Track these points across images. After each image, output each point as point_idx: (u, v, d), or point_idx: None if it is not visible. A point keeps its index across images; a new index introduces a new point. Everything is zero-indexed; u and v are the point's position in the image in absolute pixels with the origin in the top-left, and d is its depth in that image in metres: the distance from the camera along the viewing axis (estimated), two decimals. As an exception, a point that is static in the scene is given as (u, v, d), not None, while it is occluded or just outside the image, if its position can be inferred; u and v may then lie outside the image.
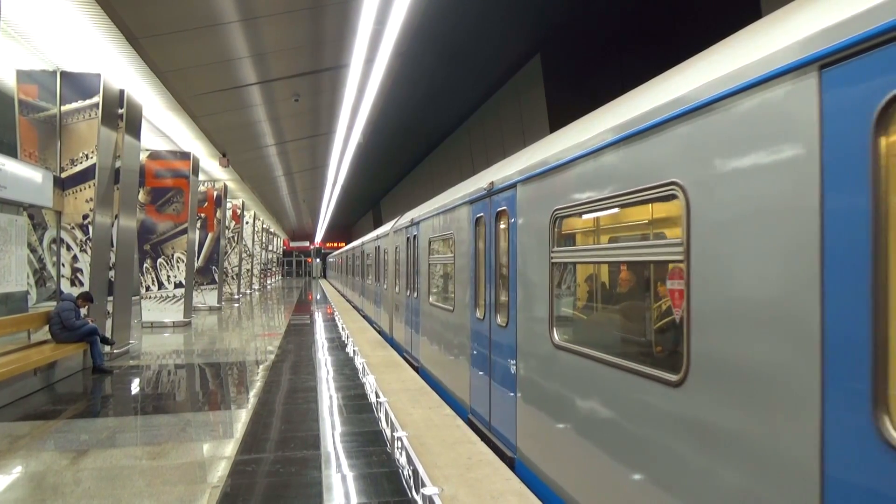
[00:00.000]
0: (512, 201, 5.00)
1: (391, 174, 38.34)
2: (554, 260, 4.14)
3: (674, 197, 2.78)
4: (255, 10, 8.81)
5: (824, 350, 1.93)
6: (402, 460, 4.69)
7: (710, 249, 2.51)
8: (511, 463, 4.83)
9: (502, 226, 5.33)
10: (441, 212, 7.70)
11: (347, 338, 11.85)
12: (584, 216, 4.03)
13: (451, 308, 7.13)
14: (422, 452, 4.80)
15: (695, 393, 2.57)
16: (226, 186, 20.93)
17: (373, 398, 6.79)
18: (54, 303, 8.75)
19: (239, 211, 25.77)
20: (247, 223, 29.05)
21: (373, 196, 48.61)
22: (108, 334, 9.62)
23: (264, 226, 37.94)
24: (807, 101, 2.03)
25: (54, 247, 9.06)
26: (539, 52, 16.17)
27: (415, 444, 4.88)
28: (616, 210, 3.57)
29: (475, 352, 6.10)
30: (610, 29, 13.88)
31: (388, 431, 5.53)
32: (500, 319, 5.32)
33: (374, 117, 15.08)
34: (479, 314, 5.99)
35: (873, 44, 1.81)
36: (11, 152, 8.50)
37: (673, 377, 2.71)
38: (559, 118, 14.81)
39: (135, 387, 8.17)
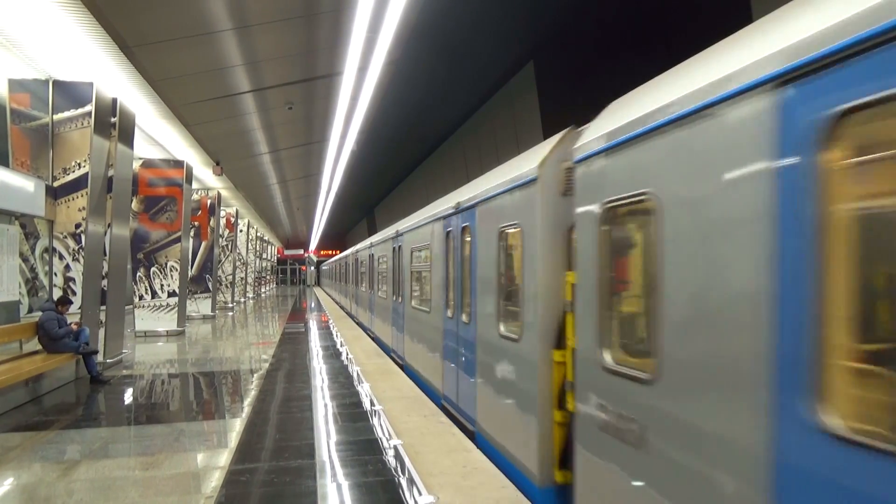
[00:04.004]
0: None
1: (385, 182, 38.33)
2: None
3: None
4: (248, 18, 8.82)
5: None
6: (398, 469, 4.67)
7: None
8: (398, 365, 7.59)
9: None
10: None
11: (342, 346, 11.80)
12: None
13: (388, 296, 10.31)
14: (417, 461, 4.78)
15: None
16: (219, 195, 20.88)
17: (368, 406, 6.76)
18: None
19: (233, 219, 25.70)
20: (241, 231, 28.97)
21: (367, 204, 48.57)
22: (100, 344, 9.52)
23: (258, 234, 37.84)
24: None
25: (46, 256, 9.00)
26: (532, 60, 16.24)
27: (410, 453, 4.85)
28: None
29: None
30: (602, 36, 13.97)
31: (383, 440, 5.51)
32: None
33: (368, 125, 15.11)
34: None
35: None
36: (3, 161, 8.47)
37: None
38: (553, 124, 14.86)
39: (128, 396, 8.10)
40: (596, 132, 3.45)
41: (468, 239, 6.21)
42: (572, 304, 3.71)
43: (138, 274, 14.84)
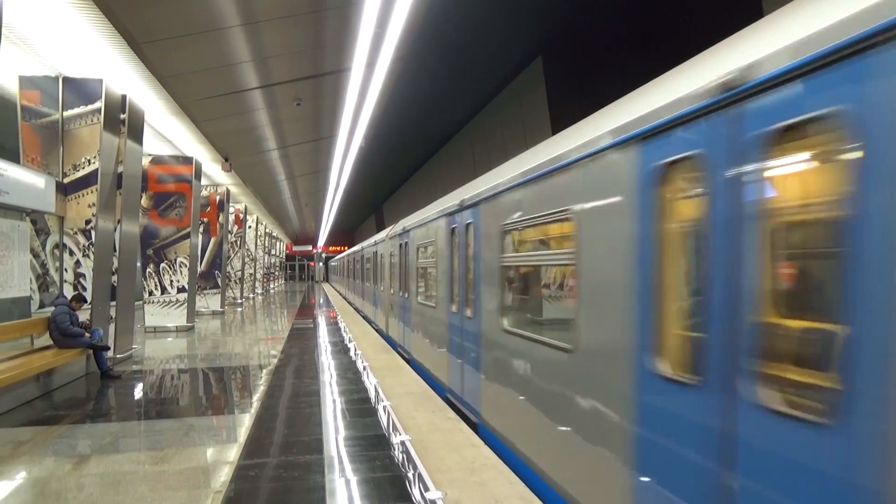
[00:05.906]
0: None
1: (393, 178, 38.36)
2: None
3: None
4: (257, 14, 8.84)
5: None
6: (406, 464, 4.67)
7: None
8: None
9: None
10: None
11: (350, 341, 11.84)
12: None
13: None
14: (425, 456, 4.78)
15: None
16: (228, 191, 20.96)
17: (375, 402, 6.77)
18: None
19: (241, 215, 25.80)
20: (249, 227, 29.06)
21: (375, 200, 48.65)
22: (110, 340, 9.59)
23: (267, 230, 37.96)
24: None
25: (57, 252, 9.07)
26: (540, 55, 16.17)
27: (418, 448, 4.86)
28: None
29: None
30: (610, 30, 13.88)
31: (391, 435, 5.52)
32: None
33: (376, 121, 15.09)
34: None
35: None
36: (14, 158, 8.52)
37: None
38: (561, 120, 14.80)
39: (138, 392, 8.16)
40: (393, 229, 12.55)
41: (378, 256, 14.84)
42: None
43: (148, 270, 14.93)
